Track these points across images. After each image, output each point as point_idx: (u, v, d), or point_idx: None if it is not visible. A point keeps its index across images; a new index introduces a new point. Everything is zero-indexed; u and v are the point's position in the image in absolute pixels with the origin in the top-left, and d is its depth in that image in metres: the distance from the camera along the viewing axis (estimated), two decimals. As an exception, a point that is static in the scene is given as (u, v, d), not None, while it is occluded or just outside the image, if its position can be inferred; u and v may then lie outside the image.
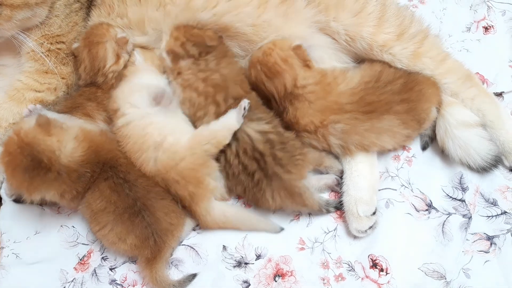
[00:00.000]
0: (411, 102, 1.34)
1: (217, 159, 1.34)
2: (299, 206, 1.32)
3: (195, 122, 1.40)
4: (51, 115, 1.32)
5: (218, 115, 1.34)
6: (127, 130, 1.35)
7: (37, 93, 1.49)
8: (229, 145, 1.32)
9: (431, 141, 1.45)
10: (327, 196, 1.42)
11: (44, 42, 1.47)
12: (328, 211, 1.36)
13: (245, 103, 1.31)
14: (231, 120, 1.30)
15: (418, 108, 1.35)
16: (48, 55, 1.48)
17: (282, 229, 1.37)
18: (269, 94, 1.38)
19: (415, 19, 1.45)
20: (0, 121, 1.47)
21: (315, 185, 1.37)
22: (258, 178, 1.29)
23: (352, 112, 1.32)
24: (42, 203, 1.40)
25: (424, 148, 1.44)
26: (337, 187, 1.39)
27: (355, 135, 1.33)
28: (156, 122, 1.35)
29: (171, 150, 1.31)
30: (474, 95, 1.41)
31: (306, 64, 1.38)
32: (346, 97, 1.34)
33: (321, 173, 1.42)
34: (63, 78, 1.52)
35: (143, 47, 1.52)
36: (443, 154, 1.43)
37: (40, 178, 1.20)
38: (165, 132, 1.33)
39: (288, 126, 1.37)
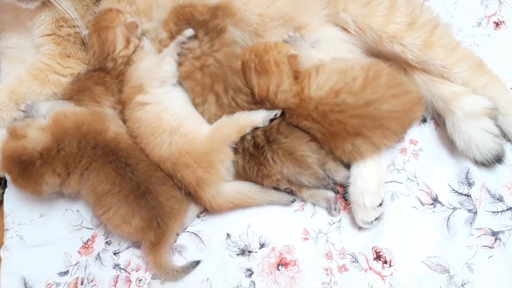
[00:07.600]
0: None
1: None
2: (304, 169, 1.30)
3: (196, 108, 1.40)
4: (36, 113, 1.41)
5: (221, 105, 1.36)
6: (141, 113, 1.36)
7: (61, 77, 1.49)
8: None
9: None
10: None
11: (63, 25, 1.47)
12: (329, 186, 1.33)
13: (278, 111, 1.34)
14: (258, 116, 1.33)
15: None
16: (68, 40, 1.49)
17: (294, 200, 1.39)
18: (249, 85, 1.37)
19: (424, 8, 1.44)
20: (22, 98, 1.46)
21: (316, 194, 1.37)
22: (262, 144, 1.32)
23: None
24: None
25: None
26: (334, 210, 1.37)
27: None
28: (170, 108, 1.35)
29: (189, 136, 1.33)
30: (485, 83, 1.40)
31: (295, 75, 1.35)
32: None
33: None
34: (84, 64, 1.52)
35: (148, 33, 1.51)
36: (450, 148, 1.43)
37: (33, 173, 1.29)
38: (180, 117, 1.34)
39: None
